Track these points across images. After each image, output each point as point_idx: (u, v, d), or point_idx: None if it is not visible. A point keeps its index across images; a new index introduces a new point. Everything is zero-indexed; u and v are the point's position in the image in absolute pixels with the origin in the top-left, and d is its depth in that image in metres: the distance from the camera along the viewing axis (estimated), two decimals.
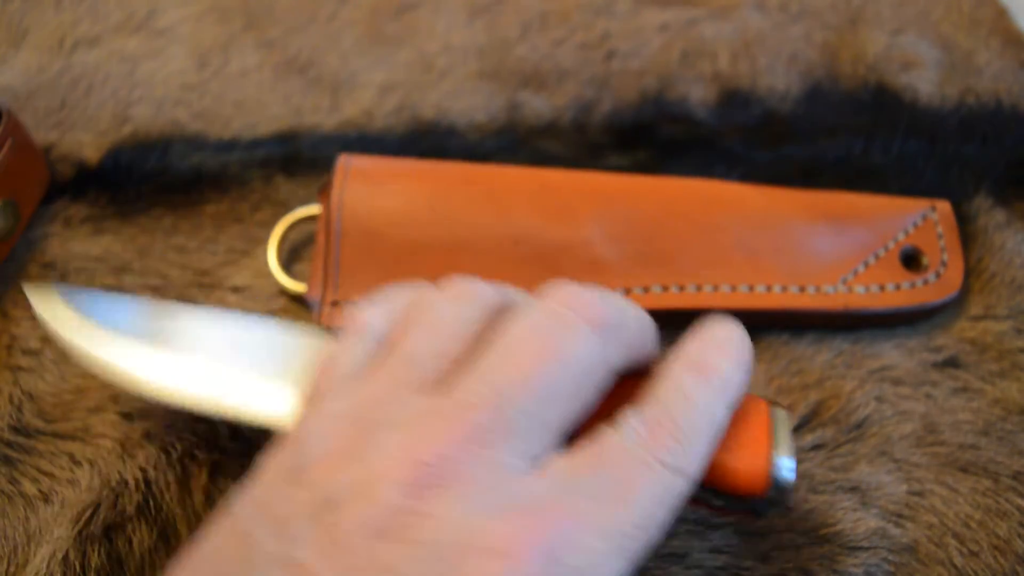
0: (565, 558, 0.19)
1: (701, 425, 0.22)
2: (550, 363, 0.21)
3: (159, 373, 0.28)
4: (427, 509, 0.20)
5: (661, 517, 0.21)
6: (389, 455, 0.20)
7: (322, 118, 0.41)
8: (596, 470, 0.21)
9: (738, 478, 0.24)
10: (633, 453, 0.21)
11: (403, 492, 0.20)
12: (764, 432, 0.24)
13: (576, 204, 0.35)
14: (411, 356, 0.23)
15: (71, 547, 0.29)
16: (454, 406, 0.21)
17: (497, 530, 0.19)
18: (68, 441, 0.32)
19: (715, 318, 0.25)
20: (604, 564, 0.20)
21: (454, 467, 0.20)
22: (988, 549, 0.30)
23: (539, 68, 0.43)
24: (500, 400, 0.21)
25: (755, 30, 0.45)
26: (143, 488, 0.30)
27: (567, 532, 0.19)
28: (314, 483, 0.21)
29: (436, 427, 0.21)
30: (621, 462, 0.21)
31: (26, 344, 0.35)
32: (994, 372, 0.34)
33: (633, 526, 0.20)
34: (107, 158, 0.39)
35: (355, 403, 0.23)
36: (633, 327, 0.24)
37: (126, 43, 0.44)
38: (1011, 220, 0.38)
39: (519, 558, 0.19)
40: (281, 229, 0.37)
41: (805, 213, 0.36)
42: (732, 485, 0.24)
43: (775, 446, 0.24)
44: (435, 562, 0.19)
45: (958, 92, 0.42)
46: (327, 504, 0.20)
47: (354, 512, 0.20)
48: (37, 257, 0.37)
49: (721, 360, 0.23)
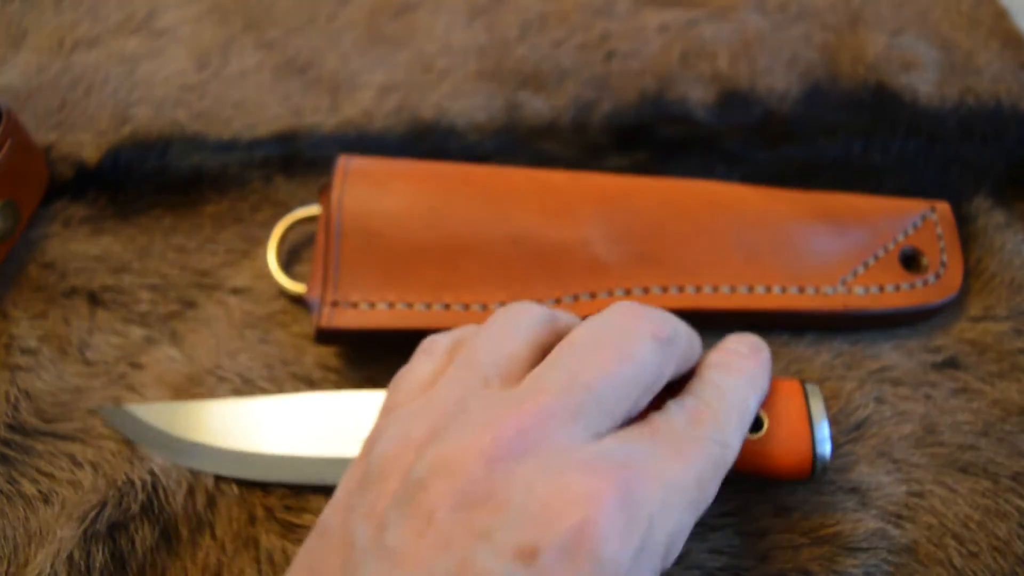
0: (637, 504, 0.21)
1: (733, 411, 0.25)
2: (616, 362, 0.24)
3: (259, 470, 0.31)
4: (510, 475, 0.21)
5: (712, 476, 0.24)
6: (469, 434, 0.22)
7: (322, 118, 0.41)
8: (653, 439, 0.23)
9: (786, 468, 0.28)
10: (681, 429, 0.24)
11: (486, 463, 0.21)
12: (803, 417, 0.28)
13: (576, 204, 0.35)
14: (476, 359, 0.25)
15: (76, 547, 0.29)
16: (527, 390, 0.23)
17: (576, 483, 0.21)
18: (69, 442, 0.32)
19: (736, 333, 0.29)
20: (670, 511, 0.22)
21: (531, 439, 0.22)
22: (988, 550, 0.30)
23: (539, 68, 0.43)
24: (571, 384, 0.23)
25: (755, 31, 0.45)
26: (148, 489, 0.30)
27: (636, 482, 0.21)
28: (399, 472, 0.22)
29: (512, 408, 0.23)
30: (672, 433, 0.24)
31: (24, 343, 0.35)
32: (993, 373, 0.34)
33: (691, 481, 0.23)
34: (107, 158, 0.39)
35: (426, 403, 0.24)
36: (684, 342, 0.26)
37: (126, 44, 0.44)
38: (1011, 221, 0.38)
39: (600, 504, 0.20)
40: (281, 230, 0.37)
41: (804, 214, 0.36)
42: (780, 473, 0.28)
43: (813, 425, 0.29)
44: (524, 522, 0.20)
45: (958, 92, 0.42)
46: (413, 486, 0.22)
47: (440, 488, 0.21)
48: (37, 257, 0.37)
49: (744, 361, 0.27)
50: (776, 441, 0.28)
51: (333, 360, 0.35)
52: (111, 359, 0.34)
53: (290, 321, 0.36)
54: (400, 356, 0.28)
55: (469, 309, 0.33)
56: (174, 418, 0.32)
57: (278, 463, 0.31)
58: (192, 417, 0.32)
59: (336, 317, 0.33)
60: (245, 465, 0.31)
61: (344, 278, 0.33)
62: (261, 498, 0.31)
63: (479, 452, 0.21)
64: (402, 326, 0.33)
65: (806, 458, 0.28)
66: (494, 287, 0.34)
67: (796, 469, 0.29)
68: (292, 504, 0.31)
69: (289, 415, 0.32)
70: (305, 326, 0.35)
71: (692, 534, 0.30)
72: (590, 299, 0.34)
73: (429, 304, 0.33)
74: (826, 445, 0.28)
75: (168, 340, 0.35)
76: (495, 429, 0.22)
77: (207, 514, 0.31)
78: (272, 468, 0.31)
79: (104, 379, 0.34)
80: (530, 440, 0.22)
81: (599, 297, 0.34)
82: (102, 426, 0.33)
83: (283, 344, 0.35)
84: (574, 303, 0.34)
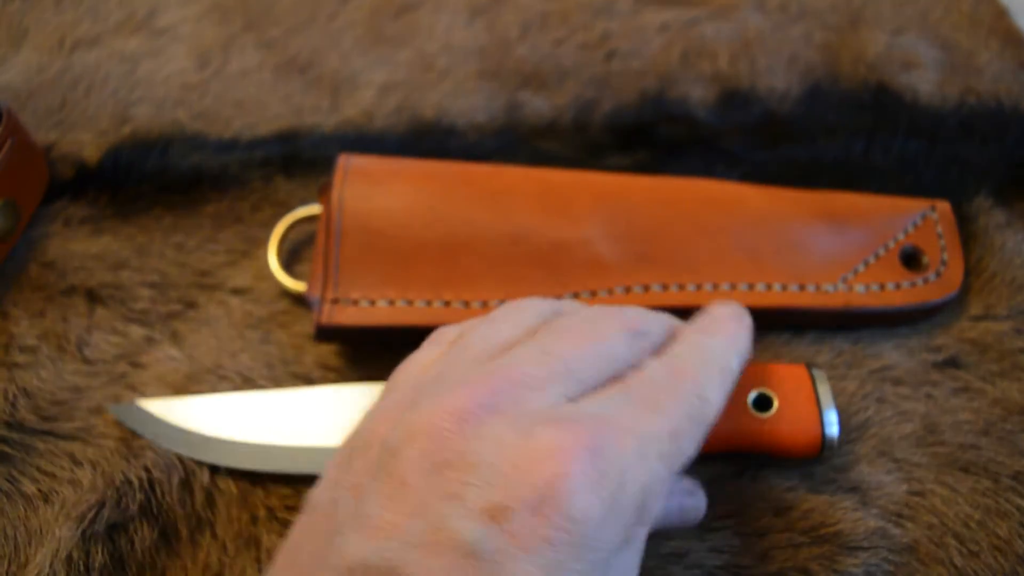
0: (609, 457, 0.21)
1: (714, 367, 0.25)
2: (588, 340, 0.24)
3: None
4: (479, 435, 0.21)
5: (690, 431, 0.23)
6: (441, 398, 0.22)
7: (322, 118, 0.41)
8: (628, 391, 0.23)
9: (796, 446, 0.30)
10: (660, 381, 0.24)
11: (456, 423, 0.21)
12: (811, 399, 0.30)
13: (576, 204, 0.35)
14: (471, 343, 0.25)
15: (75, 547, 0.29)
16: (506, 360, 0.23)
17: (545, 439, 0.21)
18: (69, 441, 0.32)
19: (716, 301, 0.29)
20: (644, 464, 0.22)
21: (502, 400, 0.22)
22: (988, 549, 0.30)
23: (539, 68, 0.43)
24: (543, 355, 0.23)
25: (755, 30, 0.45)
26: (146, 488, 0.30)
27: (608, 435, 0.21)
28: (376, 441, 0.23)
29: (484, 374, 0.23)
30: (650, 385, 0.23)
31: (23, 341, 0.35)
32: (994, 372, 0.34)
33: (666, 433, 0.22)
34: (107, 158, 0.39)
35: (416, 381, 0.25)
36: (657, 337, 0.26)
37: (126, 43, 0.44)
38: (1011, 220, 0.38)
39: (569, 458, 0.20)
40: (281, 229, 0.37)
41: (805, 213, 0.36)
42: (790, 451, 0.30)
43: (820, 407, 0.30)
44: (494, 481, 0.20)
45: (958, 92, 0.42)
46: (388, 454, 0.22)
47: (412, 453, 0.21)
48: (37, 257, 0.37)
49: (727, 323, 0.27)
50: (786, 420, 0.30)
51: (333, 359, 0.35)
52: (110, 358, 0.34)
53: (291, 321, 0.36)
54: (400, 354, 0.28)
55: (469, 306, 0.33)
56: (185, 412, 0.32)
57: (292, 454, 0.31)
58: (203, 411, 0.32)
59: (336, 314, 0.33)
60: (259, 457, 0.31)
61: (344, 276, 0.33)
62: (262, 498, 0.31)
63: (449, 414, 0.21)
64: (402, 323, 0.33)
65: (815, 436, 0.30)
66: (494, 285, 0.34)
67: (806, 447, 0.30)
68: (294, 504, 0.31)
69: (300, 408, 0.32)
70: (306, 326, 0.35)
71: (692, 533, 0.30)
72: (590, 297, 0.34)
73: (429, 301, 0.33)
74: (834, 427, 0.30)
75: (169, 340, 0.35)
76: (466, 392, 0.22)
77: (206, 513, 0.31)
78: (285, 460, 0.31)
79: (104, 378, 0.34)
80: (501, 401, 0.22)
81: (599, 295, 0.34)
82: (103, 425, 0.33)
83: (283, 344, 0.35)
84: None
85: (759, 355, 0.35)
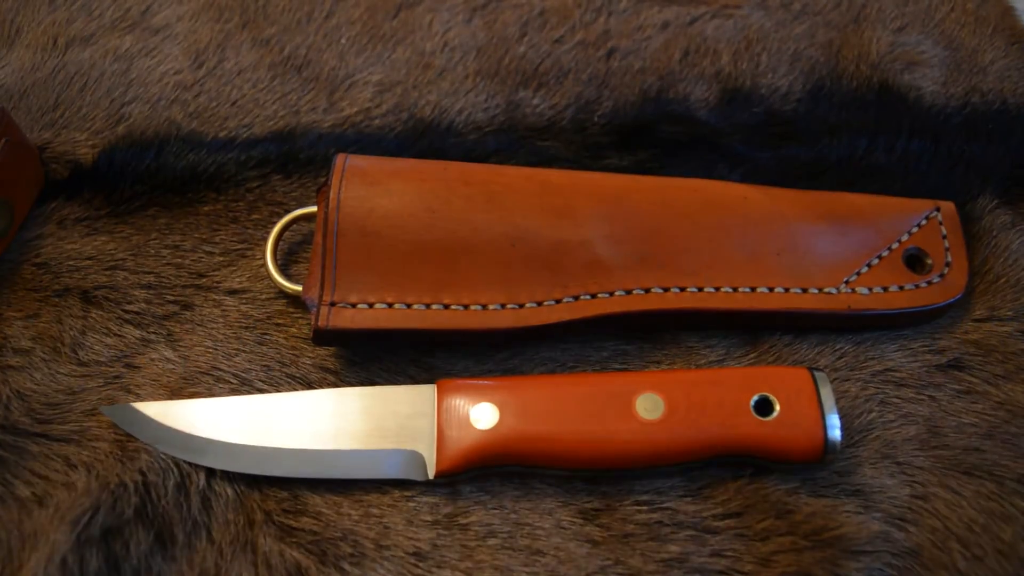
0: None
1: None
2: None
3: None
4: None
5: None
6: None
7: (319, 117, 0.41)
8: None
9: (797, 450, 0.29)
10: None
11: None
12: (813, 402, 0.30)
13: (576, 204, 0.34)
14: None
15: (70, 551, 0.29)
16: None
17: None
18: (63, 444, 0.32)
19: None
20: None
21: None
22: (992, 553, 0.30)
23: (539, 67, 0.43)
24: None
25: (757, 29, 0.44)
26: (142, 491, 0.30)
27: None
28: None
29: None
30: None
31: (17, 343, 0.34)
32: (999, 374, 0.33)
33: None
34: (102, 158, 0.39)
35: None
36: None
37: (121, 41, 0.44)
38: (1016, 221, 0.37)
39: None
40: (278, 229, 0.36)
41: (807, 214, 0.35)
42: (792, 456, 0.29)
43: (823, 411, 0.29)
44: None
45: (963, 91, 0.42)
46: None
47: None
48: (31, 258, 0.37)
49: None
50: (788, 424, 0.29)
51: (331, 362, 0.34)
52: (105, 360, 0.34)
53: (288, 323, 0.35)
54: (398, 358, 0.28)
55: (468, 309, 0.33)
56: (181, 415, 0.32)
57: (290, 458, 0.31)
58: (199, 413, 0.32)
59: (334, 317, 0.32)
60: (256, 461, 0.31)
61: (342, 278, 0.33)
62: (259, 502, 0.31)
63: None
64: (400, 326, 0.32)
65: (817, 441, 0.29)
66: (493, 288, 0.33)
67: (808, 451, 0.29)
68: (290, 507, 0.31)
69: (298, 411, 0.32)
70: (303, 328, 0.35)
71: (692, 538, 0.30)
72: (590, 299, 0.33)
73: (428, 304, 0.33)
74: (836, 431, 0.29)
75: (164, 341, 0.35)
76: None
77: (203, 517, 0.30)
78: (283, 463, 0.31)
79: (99, 380, 0.34)
80: None
81: (599, 298, 0.33)
82: (97, 428, 0.32)
83: (281, 346, 0.35)
84: (574, 303, 0.33)
85: (762, 358, 0.34)
